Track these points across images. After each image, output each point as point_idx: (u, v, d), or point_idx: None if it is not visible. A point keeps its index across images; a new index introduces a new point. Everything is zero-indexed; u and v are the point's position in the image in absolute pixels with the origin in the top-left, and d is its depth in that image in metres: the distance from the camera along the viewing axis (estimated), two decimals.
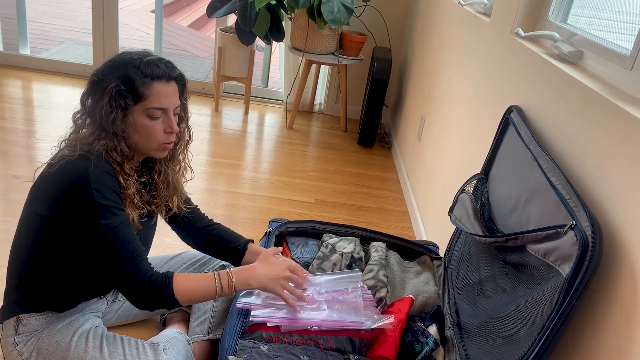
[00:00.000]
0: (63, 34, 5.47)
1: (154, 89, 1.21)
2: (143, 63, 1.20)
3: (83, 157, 1.18)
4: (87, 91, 1.23)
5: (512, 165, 1.39)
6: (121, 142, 1.22)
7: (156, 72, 1.21)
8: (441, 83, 2.51)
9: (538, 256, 1.09)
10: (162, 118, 1.25)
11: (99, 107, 1.19)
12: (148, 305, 1.24)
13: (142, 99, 1.20)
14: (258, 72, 4.34)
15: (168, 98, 1.24)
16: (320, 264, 1.58)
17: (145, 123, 1.22)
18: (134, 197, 1.26)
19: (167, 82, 1.23)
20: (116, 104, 1.18)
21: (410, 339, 1.43)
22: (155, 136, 1.25)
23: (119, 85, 1.18)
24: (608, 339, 0.98)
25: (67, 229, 1.21)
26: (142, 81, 1.19)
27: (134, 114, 1.21)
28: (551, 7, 1.62)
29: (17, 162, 2.61)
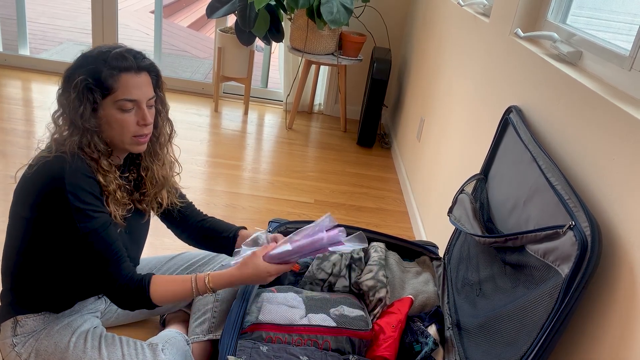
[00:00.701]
0: (62, 35, 5.47)
1: (122, 81, 1.19)
2: (111, 55, 1.19)
3: (59, 158, 1.18)
4: (60, 88, 1.23)
5: (511, 165, 1.39)
6: (94, 137, 1.20)
7: (124, 64, 1.19)
8: (440, 83, 2.51)
9: (537, 256, 1.09)
10: (134, 110, 1.23)
11: (68, 102, 1.19)
12: (127, 306, 1.24)
13: (111, 91, 1.19)
14: (258, 72, 4.34)
15: (138, 89, 1.22)
16: (320, 264, 1.58)
17: (117, 116, 1.21)
18: (116, 193, 1.24)
19: (136, 73, 1.21)
20: (84, 98, 1.17)
21: (409, 339, 1.43)
22: (127, 129, 1.23)
23: (87, 79, 1.17)
24: (607, 339, 0.98)
25: (48, 230, 1.21)
26: (110, 73, 1.18)
27: (104, 107, 1.20)
28: (550, 7, 1.62)
29: (17, 162, 2.60)
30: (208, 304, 1.52)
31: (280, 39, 3.42)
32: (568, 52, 1.39)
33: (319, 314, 1.42)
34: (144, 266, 1.57)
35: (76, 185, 1.16)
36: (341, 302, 1.48)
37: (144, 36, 5.99)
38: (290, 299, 1.46)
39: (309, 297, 1.48)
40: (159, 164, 1.38)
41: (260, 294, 1.47)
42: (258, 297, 1.46)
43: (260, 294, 1.47)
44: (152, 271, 1.55)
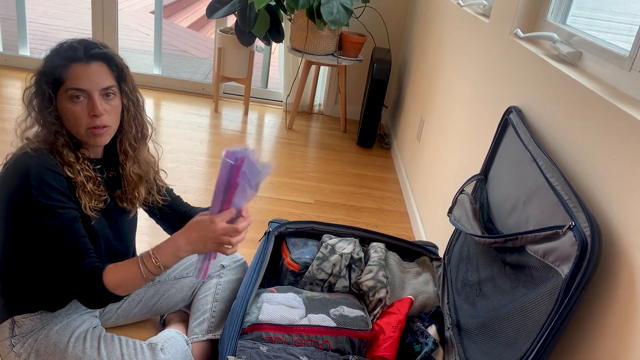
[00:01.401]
0: (63, 35, 5.47)
1: (71, 71, 1.19)
2: (63, 47, 1.21)
3: (25, 155, 1.19)
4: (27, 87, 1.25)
5: (511, 165, 1.39)
6: (57, 130, 1.22)
7: (73, 54, 1.19)
8: (440, 84, 2.51)
9: (537, 257, 1.09)
10: (85, 101, 1.20)
11: (30, 99, 1.22)
12: (89, 301, 1.21)
13: (62, 82, 1.19)
14: (258, 73, 4.34)
15: (88, 78, 1.20)
16: (319, 264, 1.58)
17: (69, 107, 1.20)
18: (86, 184, 1.23)
19: (86, 62, 1.20)
20: (41, 92, 1.20)
21: (409, 339, 1.43)
22: (80, 120, 1.21)
23: (42, 73, 1.20)
24: (607, 340, 0.98)
25: (24, 228, 1.21)
26: (60, 64, 1.19)
27: (58, 99, 1.21)
28: (550, 8, 1.62)
29: None
30: (207, 304, 1.52)
31: (280, 40, 3.42)
32: (568, 52, 1.39)
33: (319, 314, 1.42)
34: None
35: (41, 181, 1.16)
36: (341, 303, 1.48)
37: (144, 36, 5.99)
38: (290, 299, 1.46)
39: (309, 298, 1.48)
40: (130, 162, 1.36)
41: (260, 294, 1.47)
42: (258, 297, 1.46)
43: (260, 294, 1.47)
44: None
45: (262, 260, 1.54)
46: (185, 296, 1.57)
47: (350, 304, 1.48)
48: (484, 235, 1.35)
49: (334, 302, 1.48)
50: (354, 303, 1.50)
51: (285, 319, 1.38)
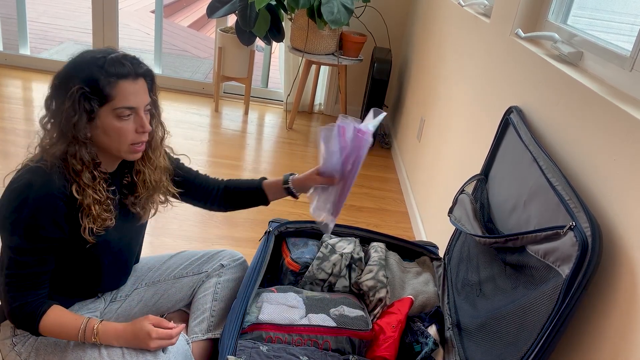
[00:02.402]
0: (63, 34, 5.47)
1: (120, 88, 1.15)
2: (107, 62, 1.14)
3: (36, 171, 1.15)
4: (49, 95, 1.18)
5: (511, 166, 1.39)
6: (82, 148, 1.17)
7: (122, 71, 1.15)
8: (441, 84, 2.51)
9: (538, 257, 1.09)
10: (132, 117, 1.19)
11: (60, 111, 1.14)
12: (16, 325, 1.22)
13: (109, 99, 1.15)
14: (258, 72, 4.34)
15: (137, 96, 1.18)
16: (320, 264, 1.58)
17: (115, 124, 1.17)
18: (91, 208, 1.20)
19: (134, 79, 1.17)
20: (80, 108, 1.13)
21: (409, 339, 1.43)
22: (125, 137, 1.19)
23: (83, 87, 1.12)
24: (607, 340, 0.98)
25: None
26: (108, 81, 1.13)
27: (101, 116, 1.16)
28: (551, 7, 1.62)
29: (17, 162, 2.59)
30: (207, 303, 1.52)
31: (280, 39, 3.42)
32: (569, 52, 1.39)
33: (319, 314, 1.42)
34: (143, 265, 1.56)
35: (38, 208, 1.14)
36: (341, 302, 1.48)
37: (145, 36, 5.99)
38: (290, 299, 1.46)
39: (309, 297, 1.48)
40: (151, 168, 1.34)
41: (260, 293, 1.47)
42: (258, 297, 1.46)
43: (260, 293, 1.47)
44: (151, 271, 1.55)
45: (262, 260, 1.54)
46: (185, 295, 1.57)
47: (351, 303, 1.48)
48: (485, 235, 1.35)
49: (334, 302, 1.48)
50: (354, 303, 1.50)
51: (285, 318, 1.38)
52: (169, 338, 1.24)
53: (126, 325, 1.24)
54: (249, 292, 1.41)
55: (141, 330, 1.22)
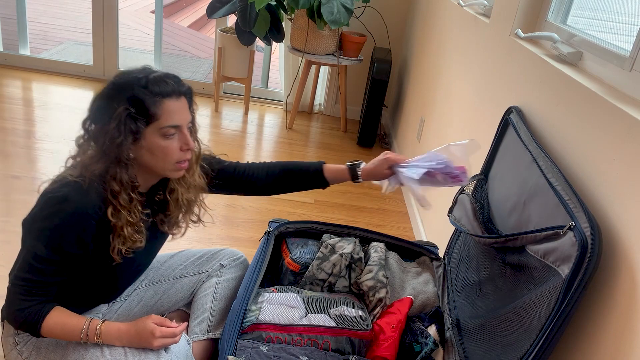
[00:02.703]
0: (63, 34, 5.47)
1: (165, 107, 1.15)
2: (150, 81, 1.14)
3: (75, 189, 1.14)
4: (89, 117, 1.17)
5: (511, 166, 1.39)
6: (123, 170, 1.16)
7: (166, 89, 1.15)
8: (441, 84, 2.51)
9: (537, 257, 1.09)
10: (176, 136, 1.19)
11: (104, 132, 1.13)
12: (14, 326, 1.21)
13: (155, 119, 1.14)
14: (258, 72, 4.34)
15: (180, 114, 1.19)
16: (319, 264, 1.58)
17: (161, 143, 1.17)
18: (124, 229, 1.19)
19: (177, 98, 1.18)
20: (126, 129, 1.12)
21: (409, 339, 1.43)
22: (171, 156, 1.19)
23: (128, 108, 1.12)
24: (607, 340, 0.98)
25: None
26: (153, 100, 1.13)
27: (146, 136, 1.15)
28: (551, 8, 1.62)
29: (17, 162, 2.61)
30: (207, 303, 1.52)
31: (280, 39, 3.42)
32: (568, 52, 1.39)
33: (318, 314, 1.42)
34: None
35: (69, 223, 1.13)
36: (341, 302, 1.48)
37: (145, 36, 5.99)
38: (290, 299, 1.46)
39: (309, 297, 1.48)
40: (184, 186, 1.33)
41: (260, 293, 1.47)
42: (258, 297, 1.46)
43: (260, 293, 1.47)
44: (152, 271, 1.56)
45: (262, 260, 1.54)
46: (185, 295, 1.57)
47: (350, 303, 1.48)
48: (484, 235, 1.35)
49: (334, 302, 1.48)
50: (354, 303, 1.50)
51: (285, 318, 1.38)
52: (172, 337, 1.24)
53: (129, 325, 1.24)
54: (249, 292, 1.41)
55: (144, 330, 1.22)
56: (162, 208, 1.34)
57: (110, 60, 3.88)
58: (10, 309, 1.18)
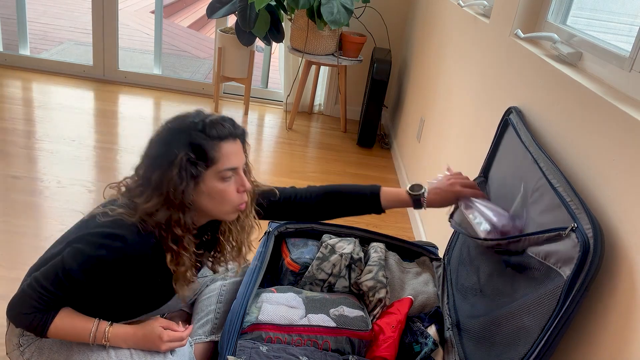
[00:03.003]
0: (63, 35, 5.47)
1: (223, 150, 1.15)
2: (207, 125, 1.14)
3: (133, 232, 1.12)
4: (147, 163, 1.16)
5: (511, 166, 1.39)
6: (186, 214, 1.15)
7: (223, 132, 1.15)
8: (441, 84, 2.51)
9: (539, 258, 1.09)
10: (232, 178, 1.19)
11: (166, 179, 1.12)
12: (17, 325, 1.19)
13: (213, 162, 1.14)
14: (258, 72, 4.34)
15: (237, 156, 1.18)
16: (319, 264, 1.58)
17: (219, 187, 1.16)
18: (187, 273, 1.19)
19: (233, 140, 1.17)
20: (187, 174, 1.12)
21: (409, 339, 1.43)
22: (229, 199, 1.18)
23: (188, 153, 1.11)
24: (607, 341, 0.98)
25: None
26: (212, 144, 1.13)
27: (205, 180, 1.15)
28: (550, 8, 1.62)
29: (17, 162, 2.60)
30: (211, 305, 1.52)
31: (280, 40, 3.42)
32: (568, 53, 1.39)
33: (318, 314, 1.42)
34: None
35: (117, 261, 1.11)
36: (341, 303, 1.48)
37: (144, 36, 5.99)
38: (290, 299, 1.46)
39: (309, 298, 1.48)
40: (238, 228, 1.32)
41: (260, 294, 1.47)
42: (258, 297, 1.46)
43: (260, 294, 1.47)
44: None
45: (262, 260, 1.54)
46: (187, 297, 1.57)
47: (350, 304, 1.48)
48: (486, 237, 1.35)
49: (334, 302, 1.48)
50: (354, 303, 1.50)
51: (285, 319, 1.38)
52: (179, 340, 1.25)
53: (136, 328, 1.23)
54: (248, 293, 1.41)
55: (152, 333, 1.22)
56: (209, 247, 1.33)
57: (110, 61, 3.88)
58: (18, 309, 1.17)
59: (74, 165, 2.69)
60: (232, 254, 1.35)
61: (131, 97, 3.74)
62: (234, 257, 1.35)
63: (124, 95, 3.74)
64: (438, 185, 1.41)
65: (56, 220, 2.22)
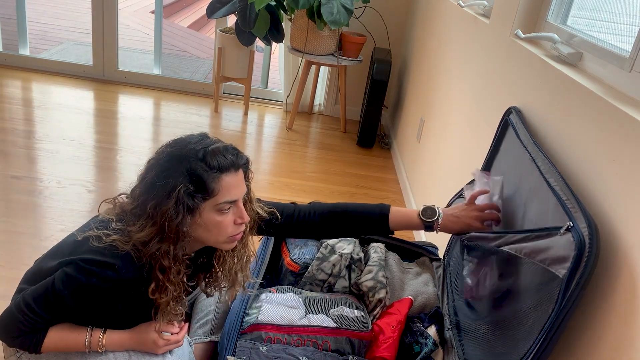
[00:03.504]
0: (63, 35, 5.47)
1: (223, 183, 1.09)
2: (208, 154, 1.08)
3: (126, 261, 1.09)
4: (143, 189, 1.11)
5: (511, 167, 1.39)
6: (178, 245, 1.10)
7: (224, 163, 1.09)
8: (441, 84, 2.51)
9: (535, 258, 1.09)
10: (231, 209, 1.14)
11: (162, 210, 1.07)
12: (9, 345, 1.17)
13: (212, 194, 1.09)
14: (258, 73, 4.34)
15: (237, 189, 1.12)
16: (319, 264, 1.58)
17: (216, 219, 1.12)
18: (169, 305, 1.15)
19: (235, 172, 1.12)
20: (183, 207, 1.06)
21: (409, 340, 1.43)
22: (225, 230, 1.14)
23: (187, 185, 1.06)
24: (607, 340, 0.98)
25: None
26: (212, 177, 1.08)
27: (202, 212, 1.10)
28: (551, 8, 1.62)
29: (17, 162, 2.60)
30: (211, 305, 1.52)
31: (280, 40, 3.42)
32: (568, 53, 1.39)
33: (318, 314, 1.42)
34: None
35: (106, 289, 1.09)
36: (341, 303, 1.48)
37: (144, 36, 5.99)
38: (290, 299, 1.46)
39: (309, 298, 1.48)
40: (234, 258, 1.28)
41: (260, 294, 1.47)
42: (258, 297, 1.46)
43: (260, 294, 1.47)
44: None
45: (262, 260, 1.54)
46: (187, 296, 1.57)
47: (350, 304, 1.48)
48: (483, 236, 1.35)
49: (334, 303, 1.48)
50: (354, 303, 1.50)
51: (284, 319, 1.38)
52: (175, 342, 1.24)
53: (131, 335, 1.22)
54: None
55: (147, 340, 1.21)
56: (204, 269, 1.30)
57: (110, 61, 3.88)
58: (5, 333, 1.14)
59: (74, 165, 2.69)
60: (226, 282, 1.31)
61: (131, 97, 3.74)
62: (228, 286, 1.31)
63: (124, 95, 3.74)
64: (457, 213, 1.34)
65: (56, 220, 2.22)
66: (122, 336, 1.22)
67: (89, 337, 1.19)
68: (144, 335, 1.21)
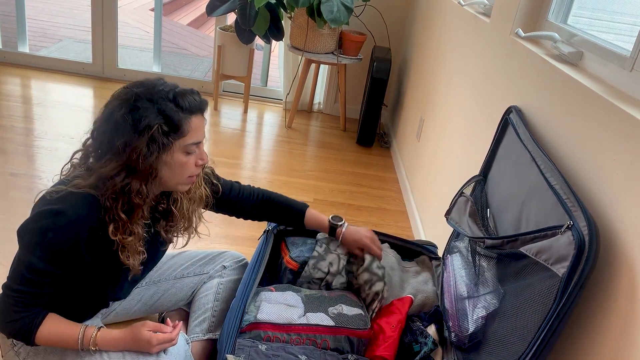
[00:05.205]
0: (62, 32, 5.46)
1: (192, 124, 1.15)
2: (177, 95, 1.13)
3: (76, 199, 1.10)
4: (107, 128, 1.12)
5: (511, 166, 1.39)
6: (148, 184, 1.13)
7: (194, 105, 1.14)
8: (441, 83, 2.50)
9: (535, 257, 1.09)
10: (195, 151, 1.19)
11: (132, 146, 1.08)
12: (7, 334, 1.19)
13: (183, 135, 1.13)
14: (257, 71, 4.33)
15: (202, 130, 1.18)
16: (315, 263, 1.57)
17: (182, 159, 1.16)
18: (134, 243, 1.18)
19: (202, 114, 1.18)
20: (158, 146, 1.10)
21: (409, 339, 1.43)
22: (187, 170, 1.19)
23: (161, 125, 1.10)
24: (606, 340, 0.98)
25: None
26: (185, 117, 1.13)
27: (172, 151, 1.14)
28: (551, 7, 1.62)
29: (15, 160, 2.60)
30: (208, 303, 1.52)
31: (280, 38, 3.42)
32: (569, 52, 1.39)
33: (317, 313, 1.42)
34: None
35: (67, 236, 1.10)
36: (339, 301, 1.47)
37: (144, 34, 5.98)
38: (289, 298, 1.45)
39: (308, 296, 1.48)
40: (189, 198, 1.32)
41: (259, 292, 1.47)
42: (257, 296, 1.45)
43: (259, 292, 1.47)
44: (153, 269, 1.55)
45: (261, 259, 1.54)
46: (185, 295, 1.57)
47: (349, 301, 1.48)
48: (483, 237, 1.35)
49: (333, 301, 1.47)
50: (353, 301, 1.50)
51: (283, 318, 1.38)
52: (169, 341, 1.24)
53: (125, 333, 1.22)
54: (247, 291, 1.41)
55: (141, 339, 1.21)
56: (164, 216, 1.32)
57: (109, 58, 3.87)
58: (2, 320, 1.16)
59: None
60: (183, 224, 1.35)
61: None
62: (185, 227, 1.36)
63: None
64: (359, 229, 1.57)
65: None
66: (115, 335, 1.22)
67: (82, 333, 1.19)
68: (137, 335, 1.22)
